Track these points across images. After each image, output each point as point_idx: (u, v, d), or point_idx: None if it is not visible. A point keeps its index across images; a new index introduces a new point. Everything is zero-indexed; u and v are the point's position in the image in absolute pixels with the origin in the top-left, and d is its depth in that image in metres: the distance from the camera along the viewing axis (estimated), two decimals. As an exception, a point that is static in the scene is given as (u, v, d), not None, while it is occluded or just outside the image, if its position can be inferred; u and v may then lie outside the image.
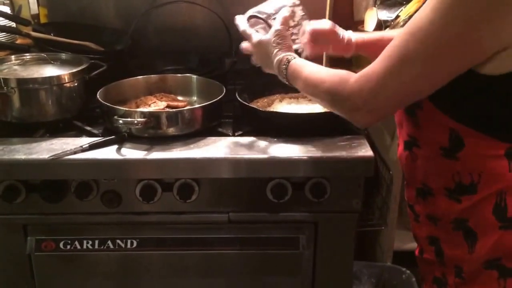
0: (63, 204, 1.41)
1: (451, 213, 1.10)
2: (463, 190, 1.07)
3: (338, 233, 1.47)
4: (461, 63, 0.97)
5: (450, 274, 1.14)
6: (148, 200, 1.40)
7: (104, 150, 1.38)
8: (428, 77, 1.00)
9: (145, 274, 1.52)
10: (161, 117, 1.43)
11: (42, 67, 1.60)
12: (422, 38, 0.96)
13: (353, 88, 1.08)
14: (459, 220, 1.09)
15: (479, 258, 1.07)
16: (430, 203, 1.16)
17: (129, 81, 1.69)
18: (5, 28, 1.91)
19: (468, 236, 1.09)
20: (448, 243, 1.14)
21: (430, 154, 1.11)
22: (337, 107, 1.16)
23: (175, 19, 2.13)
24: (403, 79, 1.01)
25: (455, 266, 1.13)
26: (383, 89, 1.03)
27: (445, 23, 0.93)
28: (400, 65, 1.00)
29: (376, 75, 1.03)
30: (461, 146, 1.04)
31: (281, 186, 1.39)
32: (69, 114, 1.55)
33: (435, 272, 1.20)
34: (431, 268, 1.21)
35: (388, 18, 2.14)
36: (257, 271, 1.52)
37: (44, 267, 1.50)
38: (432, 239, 1.18)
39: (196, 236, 1.46)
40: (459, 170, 1.06)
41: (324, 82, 1.16)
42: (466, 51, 0.95)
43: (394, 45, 1.01)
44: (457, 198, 1.08)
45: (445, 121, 1.05)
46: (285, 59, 1.28)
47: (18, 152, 1.36)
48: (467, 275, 1.11)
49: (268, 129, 1.48)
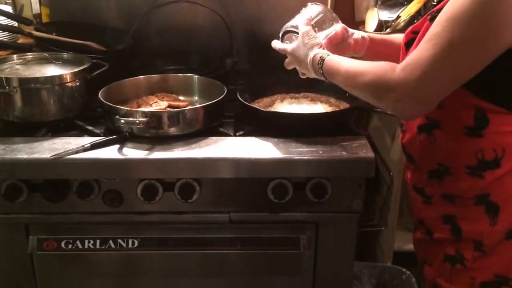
0: (64, 204, 1.41)
1: (472, 189, 1.15)
2: (486, 166, 1.13)
3: (338, 234, 1.47)
4: (506, 41, 1.01)
5: (467, 249, 1.20)
6: (150, 200, 1.40)
7: (105, 150, 1.38)
8: (475, 59, 1.03)
9: (146, 274, 1.53)
10: (163, 117, 1.43)
11: (44, 67, 1.61)
12: (467, 21, 0.99)
13: (400, 77, 1.08)
14: (480, 196, 1.15)
15: (501, 230, 1.14)
16: (448, 183, 1.20)
17: (130, 81, 1.69)
18: (7, 28, 1.91)
19: (490, 209, 1.14)
20: (466, 219, 1.19)
21: (452, 134, 1.16)
22: (381, 98, 1.15)
23: (176, 19, 2.14)
24: (452, 63, 1.04)
25: (474, 241, 1.18)
26: (432, 76, 1.05)
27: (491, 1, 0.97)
28: (448, 50, 1.02)
29: (424, 62, 1.05)
30: (485, 123, 1.10)
31: (282, 186, 1.39)
32: (71, 113, 1.56)
33: (447, 250, 1.24)
34: (441, 247, 1.26)
35: (389, 19, 2.14)
36: (258, 271, 1.53)
37: (46, 266, 1.50)
38: (446, 218, 1.23)
39: (197, 236, 1.47)
40: (483, 147, 1.12)
41: (366, 74, 1.16)
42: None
43: (436, 33, 1.04)
44: (480, 174, 1.14)
45: (470, 100, 1.09)
46: (317, 57, 1.30)
47: (20, 152, 1.36)
48: (487, 247, 1.16)
49: (269, 129, 1.49)
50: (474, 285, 1.20)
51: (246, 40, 2.17)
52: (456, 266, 1.23)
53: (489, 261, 1.17)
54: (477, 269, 1.19)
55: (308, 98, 1.69)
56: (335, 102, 1.66)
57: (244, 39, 2.16)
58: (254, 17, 2.17)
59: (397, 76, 1.09)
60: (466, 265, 1.21)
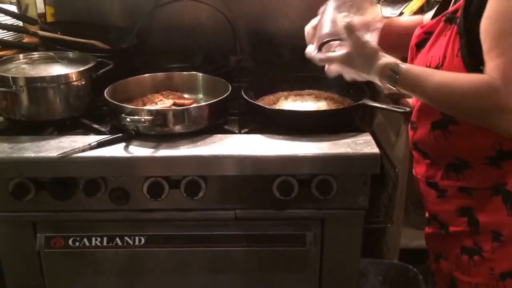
0: (72, 202, 1.42)
1: (490, 180, 1.20)
2: (504, 156, 1.17)
3: (344, 230, 1.48)
4: None
5: (485, 240, 1.22)
6: (156, 197, 1.41)
7: (111, 148, 1.39)
8: None
9: (152, 271, 1.53)
10: (168, 115, 1.43)
11: (49, 66, 1.62)
12: None
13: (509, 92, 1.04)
14: (497, 186, 1.19)
15: None
16: (466, 175, 1.23)
17: (135, 79, 1.70)
18: (12, 27, 1.92)
19: (507, 199, 1.17)
20: (483, 210, 1.21)
21: (468, 128, 1.17)
22: (491, 121, 1.10)
23: (180, 17, 2.15)
24: None
25: (492, 232, 1.20)
26: None
27: None
28: None
29: None
30: None
31: (287, 183, 1.40)
32: (76, 112, 1.57)
33: (464, 242, 1.26)
34: (457, 240, 1.28)
35: (392, 15, 2.15)
36: (263, 268, 1.54)
37: (53, 264, 1.51)
38: (463, 211, 1.25)
39: (203, 233, 1.48)
40: (500, 139, 1.14)
41: (467, 96, 1.10)
42: None
43: (504, 32, 1.05)
44: (498, 164, 1.18)
45: None
46: (389, 67, 1.22)
47: (27, 150, 1.37)
48: (506, 237, 1.19)
49: (274, 127, 1.49)
50: (494, 275, 1.22)
51: (250, 38, 2.17)
52: (474, 258, 1.24)
53: (508, 251, 1.19)
54: (496, 260, 1.21)
55: (312, 95, 1.69)
56: (339, 99, 1.66)
57: (248, 37, 2.17)
58: (257, 14, 2.17)
59: (505, 93, 1.05)
60: (484, 256, 1.22)
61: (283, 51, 2.18)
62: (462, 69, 1.14)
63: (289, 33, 2.17)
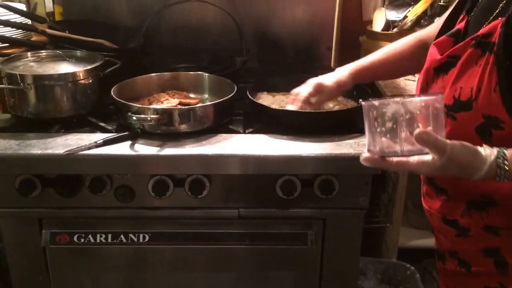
0: (77, 198, 1.44)
1: None
2: None
3: (345, 229, 1.49)
4: None
5: None
6: (160, 195, 1.42)
7: (117, 146, 1.40)
8: None
9: (156, 268, 1.55)
10: (174, 114, 1.45)
11: (57, 64, 1.63)
12: None
13: None
14: None
15: None
16: (492, 214, 1.10)
17: (142, 78, 1.72)
18: (21, 25, 1.93)
19: None
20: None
21: None
22: None
23: (187, 17, 2.16)
24: None
25: None
26: None
27: None
28: None
29: None
30: None
31: (290, 183, 1.41)
32: (83, 110, 1.58)
33: (488, 282, 1.17)
34: (481, 279, 1.18)
35: (396, 19, 2.16)
36: (265, 266, 1.55)
37: (58, 260, 1.53)
38: (489, 251, 1.14)
39: (206, 231, 1.49)
40: None
41: None
42: None
43: None
44: None
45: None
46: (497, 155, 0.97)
47: (34, 147, 1.38)
48: None
49: (278, 127, 1.51)
50: None
51: (256, 39, 2.19)
52: None
53: None
54: None
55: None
56: (343, 100, 1.67)
57: (254, 38, 2.19)
58: (263, 16, 2.19)
59: None
60: None
61: (288, 53, 2.20)
62: (500, 106, 1.00)
63: (294, 35, 2.19)
